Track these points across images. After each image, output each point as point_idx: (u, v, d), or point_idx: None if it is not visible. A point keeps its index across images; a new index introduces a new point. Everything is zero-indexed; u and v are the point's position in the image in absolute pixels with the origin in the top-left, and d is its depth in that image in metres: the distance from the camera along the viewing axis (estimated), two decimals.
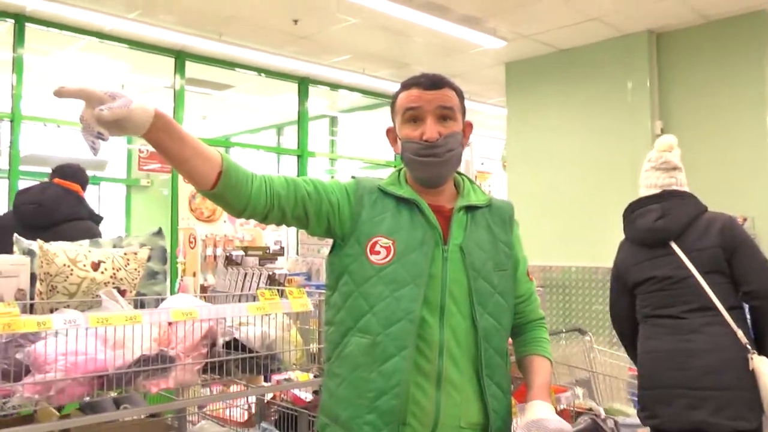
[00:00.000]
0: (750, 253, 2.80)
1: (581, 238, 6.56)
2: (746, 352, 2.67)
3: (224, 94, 9.15)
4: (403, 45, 6.89)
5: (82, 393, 2.09)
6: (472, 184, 1.93)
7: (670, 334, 2.82)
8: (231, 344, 2.41)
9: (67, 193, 3.85)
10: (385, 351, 1.69)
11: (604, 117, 6.51)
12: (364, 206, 1.79)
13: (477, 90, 8.95)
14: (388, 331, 1.69)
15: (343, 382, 1.75)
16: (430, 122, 1.77)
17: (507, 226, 1.92)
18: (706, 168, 5.95)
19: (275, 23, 6.24)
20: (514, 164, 7.36)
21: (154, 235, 2.92)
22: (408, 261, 1.73)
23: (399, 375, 1.67)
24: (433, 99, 1.78)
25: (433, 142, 1.75)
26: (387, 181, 1.87)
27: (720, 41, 5.98)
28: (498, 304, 1.80)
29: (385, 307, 1.70)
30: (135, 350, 2.17)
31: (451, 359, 1.72)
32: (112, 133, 1.46)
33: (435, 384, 1.71)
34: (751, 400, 2.64)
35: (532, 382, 1.84)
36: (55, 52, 7.20)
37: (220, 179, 1.60)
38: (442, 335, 1.72)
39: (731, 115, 5.86)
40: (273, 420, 3.18)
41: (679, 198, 2.97)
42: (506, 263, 1.86)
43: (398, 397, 1.67)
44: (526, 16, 5.93)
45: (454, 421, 1.72)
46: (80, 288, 2.53)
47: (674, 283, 2.85)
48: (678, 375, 2.75)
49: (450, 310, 1.73)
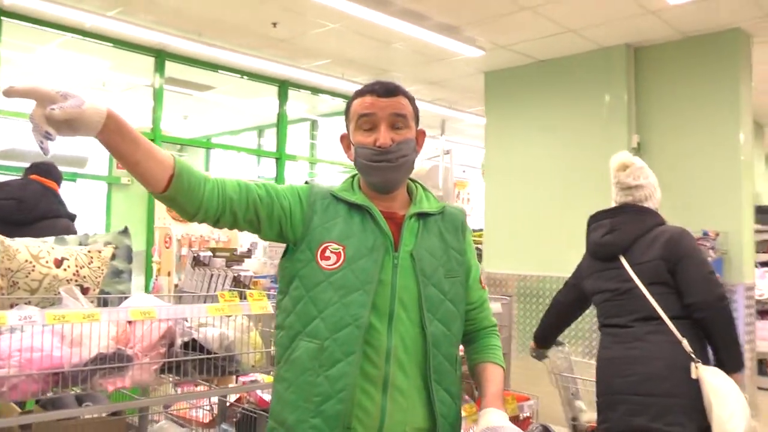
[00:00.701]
0: (693, 264, 2.85)
1: (557, 249, 6.60)
2: (689, 361, 2.73)
3: (205, 94, 9.14)
4: (383, 51, 6.92)
5: (37, 390, 2.09)
6: (425, 191, 1.96)
7: (617, 343, 2.93)
8: (189, 345, 2.42)
9: (45, 190, 3.86)
10: (332, 356, 1.71)
11: (581, 129, 6.57)
12: (316, 211, 1.82)
13: (457, 98, 9.00)
14: (336, 336, 1.71)
15: (291, 386, 1.76)
16: (383, 129, 1.80)
17: (459, 232, 1.95)
18: (681, 182, 6.02)
19: (254, 26, 6.25)
20: (492, 173, 7.41)
21: (120, 234, 2.93)
22: (357, 267, 1.75)
23: (345, 380, 1.70)
24: (387, 106, 1.80)
25: (387, 148, 1.78)
26: (340, 187, 1.90)
27: (697, 57, 6.05)
28: (448, 311, 1.83)
29: (333, 313, 1.73)
30: (92, 348, 2.18)
31: (398, 365, 1.75)
32: (64, 134, 1.45)
33: (381, 389, 1.73)
34: (688, 407, 2.70)
35: (486, 389, 1.86)
36: (36, 48, 7.17)
37: (172, 182, 1.61)
38: (390, 341, 1.74)
39: (706, 130, 5.94)
40: (234, 421, 3.19)
41: (633, 213, 3.05)
42: (458, 270, 1.89)
43: (343, 402, 1.69)
44: (504, 26, 5.98)
45: (399, 427, 1.74)
46: (42, 284, 2.54)
47: (620, 294, 2.96)
48: (622, 381, 2.84)
49: (399, 316, 1.76)
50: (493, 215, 7.32)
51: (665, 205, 6.08)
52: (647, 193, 3.11)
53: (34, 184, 3.86)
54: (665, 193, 5.78)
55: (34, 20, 6.24)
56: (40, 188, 3.85)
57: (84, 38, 6.63)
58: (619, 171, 3.14)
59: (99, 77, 8.40)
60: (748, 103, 5.95)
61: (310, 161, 9.64)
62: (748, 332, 5.69)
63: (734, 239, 5.69)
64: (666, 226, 3.02)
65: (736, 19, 5.66)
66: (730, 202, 5.77)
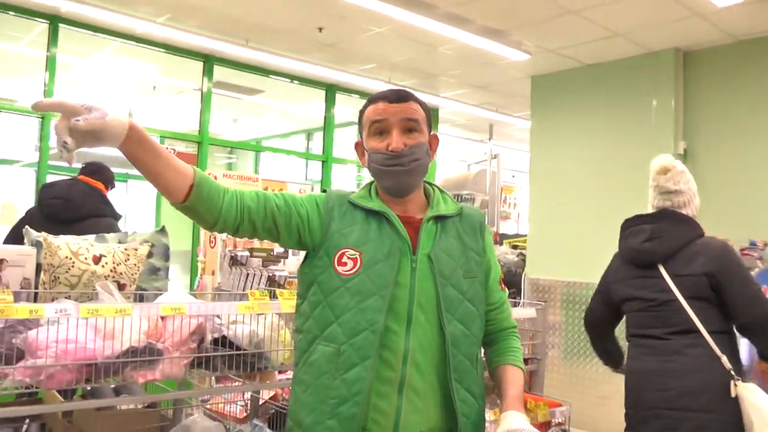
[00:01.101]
0: (739, 283, 2.76)
1: (602, 256, 6.48)
2: (729, 378, 2.66)
3: (255, 98, 9.30)
4: (429, 55, 6.95)
5: (71, 379, 2.18)
6: (443, 194, 1.98)
7: (652, 355, 2.83)
8: (219, 341, 2.48)
9: (91, 190, 4.00)
10: (348, 360, 1.74)
11: (627, 134, 6.47)
12: (333, 218, 1.86)
13: (504, 102, 8.97)
14: (352, 341, 1.75)
15: (308, 388, 1.80)
16: (395, 133, 1.83)
17: (477, 234, 1.96)
18: (728, 190, 5.89)
19: (300, 30, 6.34)
20: (537, 178, 7.35)
21: (157, 233, 3.02)
22: (374, 272, 1.78)
23: (360, 384, 1.73)
24: (398, 111, 1.84)
25: (399, 152, 1.81)
26: (358, 194, 1.93)
27: (747, 61, 5.91)
28: (468, 311, 1.84)
29: (350, 318, 1.76)
30: (124, 342, 2.26)
31: (415, 367, 1.77)
32: (89, 144, 1.52)
33: (397, 391, 1.76)
34: (726, 423, 2.62)
35: (506, 392, 1.87)
36: (90, 53, 7.42)
37: (192, 192, 1.67)
38: (408, 344, 1.76)
39: (755, 137, 5.79)
40: (267, 418, 3.25)
41: (673, 221, 2.95)
42: (476, 270, 1.91)
43: (359, 405, 1.72)
44: (549, 30, 5.94)
45: (415, 427, 1.76)
46: (81, 280, 2.64)
47: (657, 306, 2.85)
48: (657, 395, 2.74)
49: (417, 319, 1.78)
50: (538, 220, 7.27)
51: (712, 213, 5.97)
52: (686, 199, 3.01)
53: (80, 184, 4.00)
54: (712, 201, 5.67)
55: (88, 26, 6.46)
56: (87, 188, 3.98)
57: (135, 44, 6.83)
58: (659, 174, 3.05)
59: (149, 81, 8.62)
60: None
61: (357, 164, 9.71)
62: None
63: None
64: (707, 239, 2.91)
65: None
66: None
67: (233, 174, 7.79)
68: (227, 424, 3.16)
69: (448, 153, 12.59)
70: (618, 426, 6.22)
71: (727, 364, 2.68)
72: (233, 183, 7.48)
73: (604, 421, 6.38)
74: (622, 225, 3.16)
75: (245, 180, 7.75)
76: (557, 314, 6.85)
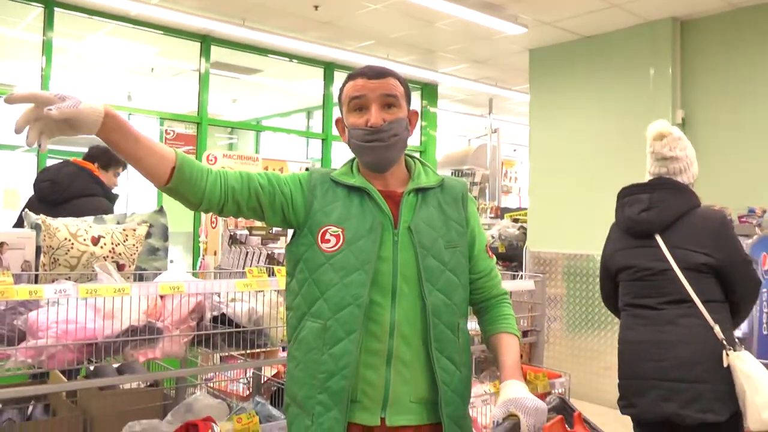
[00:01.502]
0: (736, 266, 2.78)
1: (603, 227, 6.50)
2: (721, 348, 2.67)
3: (253, 78, 9.28)
4: (426, 31, 6.92)
5: (72, 359, 2.21)
6: (424, 166, 2.00)
7: (646, 325, 2.83)
8: (219, 319, 2.51)
9: (80, 170, 4.06)
10: (334, 335, 1.78)
11: (626, 105, 6.46)
12: (316, 196, 1.88)
13: (503, 77, 8.94)
14: (338, 316, 1.78)
15: (300, 364, 1.84)
16: (374, 109, 1.84)
17: (459, 204, 1.98)
18: (727, 158, 5.89)
19: (296, 9, 6.32)
20: (537, 152, 7.35)
21: (155, 213, 3.03)
22: (356, 248, 1.81)
23: (347, 357, 1.76)
24: (377, 87, 1.85)
25: (378, 127, 1.83)
26: (339, 171, 1.95)
27: (747, 29, 5.87)
28: (449, 281, 1.87)
29: (335, 293, 1.79)
30: (124, 321, 2.29)
31: (402, 338, 1.80)
32: (65, 133, 1.54)
33: (385, 362, 1.79)
34: (720, 392, 2.63)
35: (504, 361, 1.89)
36: (85, 36, 7.40)
37: (174, 174, 1.70)
38: (393, 316, 1.80)
39: (754, 105, 5.78)
40: (269, 395, 3.29)
41: (670, 190, 2.91)
42: (458, 240, 1.92)
43: (347, 378, 1.76)
44: (546, 2, 5.91)
45: (404, 397, 1.80)
46: (80, 261, 2.66)
47: (653, 275, 2.84)
48: (652, 366, 2.75)
49: (402, 291, 1.81)
50: (538, 194, 7.28)
51: (711, 181, 5.98)
52: (682, 166, 2.97)
53: (69, 166, 4.10)
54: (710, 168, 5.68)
55: (82, 9, 6.45)
56: (75, 169, 4.08)
57: (131, 26, 6.81)
58: (655, 140, 3.01)
59: (147, 63, 8.61)
60: None
61: None
62: None
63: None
64: (705, 210, 2.89)
65: None
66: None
67: (233, 154, 7.79)
68: (230, 402, 3.20)
69: (449, 128, 12.57)
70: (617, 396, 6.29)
71: (720, 333, 2.69)
72: (233, 163, 7.49)
73: (605, 392, 6.42)
74: (619, 194, 3.15)
75: (245, 160, 7.75)
76: (560, 287, 6.88)
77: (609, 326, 6.50)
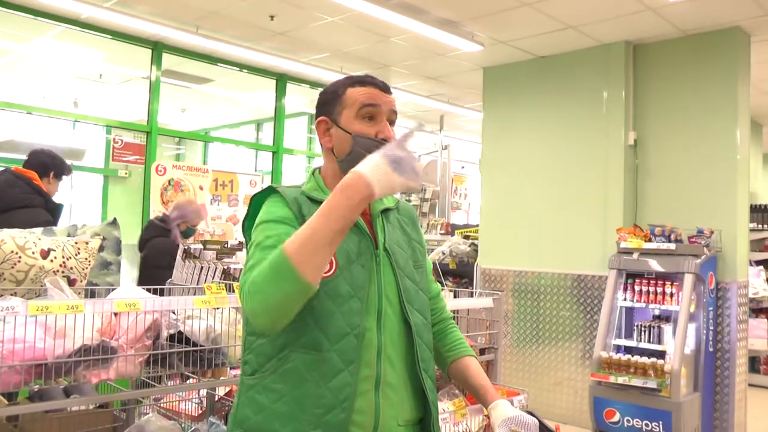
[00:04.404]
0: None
1: (552, 245, 6.61)
2: None
3: (203, 87, 9.13)
4: (382, 45, 6.90)
5: (20, 381, 2.09)
6: None
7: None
8: (176, 337, 2.41)
9: (17, 179, 3.85)
10: (333, 367, 1.66)
11: (578, 125, 6.56)
12: (304, 215, 1.74)
13: (456, 94, 8.99)
14: (337, 347, 1.67)
15: (283, 398, 1.69)
16: (385, 122, 1.79)
17: (416, 225, 1.98)
18: (677, 179, 6.03)
19: (252, 18, 6.23)
20: (489, 169, 7.39)
21: (108, 225, 2.92)
22: (349, 274, 1.71)
23: (348, 389, 1.66)
24: (388, 102, 1.81)
25: (390, 141, 1.75)
26: (308, 186, 1.84)
27: (696, 55, 6.03)
28: (422, 300, 1.85)
29: (333, 323, 1.68)
30: (77, 340, 2.17)
31: (389, 361, 1.74)
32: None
33: (374, 388, 1.72)
34: None
35: (481, 384, 1.89)
36: (31, 38, 7.16)
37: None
38: (380, 339, 1.73)
39: (703, 128, 5.92)
40: (223, 415, 3.18)
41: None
42: (421, 260, 1.92)
43: (346, 411, 1.66)
44: (503, 21, 5.96)
45: (392, 421, 1.74)
46: (28, 275, 2.53)
47: None
48: None
49: (386, 312, 1.75)
50: (489, 211, 7.31)
51: (661, 202, 6.11)
52: None
53: (6, 175, 3.88)
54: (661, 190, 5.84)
55: (29, 10, 6.22)
56: (12, 178, 3.85)
57: (80, 29, 6.61)
58: None
59: (95, 69, 8.38)
60: (746, 101, 5.93)
61: (308, 155, 9.63)
62: (741, 330, 5.69)
63: (729, 237, 5.67)
64: None
65: (735, 17, 5.63)
66: (725, 200, 5.76)
67: (183, 165, 7.63)
68: (182, 422, 3.08)
69: None
70: (571, 411, 6.35)
71: None
72: (183, 174, 7.33)
73: (557, 407, 6.48)
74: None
75: (195, 171, 7.61)
76: (508, 303, 6.92)
77: (557, 342, 6.56)
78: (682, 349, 5.06)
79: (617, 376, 5.14)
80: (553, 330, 6.61)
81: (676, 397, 4.94)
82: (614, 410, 5.21)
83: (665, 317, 5.54)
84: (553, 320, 6.62)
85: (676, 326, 5.21)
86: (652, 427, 5.02)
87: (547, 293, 6.66)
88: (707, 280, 5.41)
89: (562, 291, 6.54)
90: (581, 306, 6.39)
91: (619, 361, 5.22)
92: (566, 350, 6.52)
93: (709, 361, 5.53)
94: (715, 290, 5.63)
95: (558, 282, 6.56)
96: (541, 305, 6.71)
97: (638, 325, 5.47)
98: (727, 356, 5.64)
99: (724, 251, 5.66)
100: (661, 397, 4.97)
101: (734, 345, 5.63)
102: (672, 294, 5.36)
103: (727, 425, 5.62)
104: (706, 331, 5.43)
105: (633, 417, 5.11)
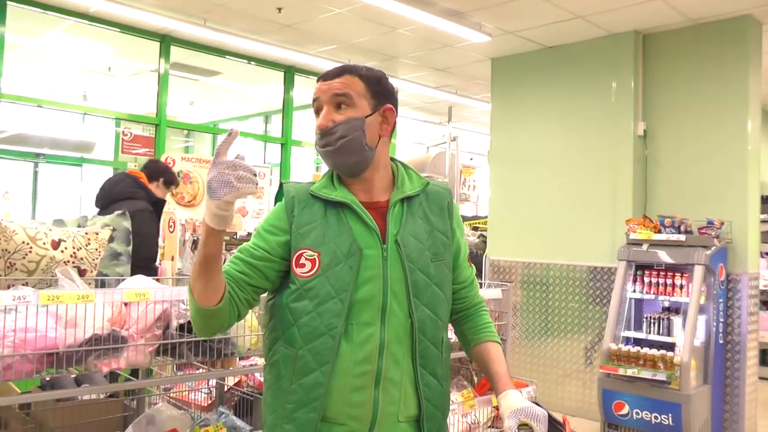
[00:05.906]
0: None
1: (561, 236, 6.59)
2: None
3: (212, 80, 9.14)
4: (389, 37, 6.88)
5: (32, 370, 2.10)
6: (407, 170, 1.91)
7: None
8: (185, 327, 2.42)
9: (125, 176, 4.47)
10: (306, 365, 1.70)
11: (587, 116, 6.52)
12: (295, 216, 1.77)
13: (464, 85, 8.96)
14: (310, 346, 1.70)
15: (270, 389, 1.79)
16: (325, 111, 1.76)
17: (445, 213, 1.90)
18: (687, 170, 5.99)
19: (259, 11, 6.22)
20: (497, 160, 7.37)
21: (118, 217, 2.93)
22: (332, 274, 1.71)
23: (319, 389, 1.68)
24: (329, 88, 1.77)
25: (324, 129, 1.75)
26: (319, 184, 1.83)
27: (706, 44, 5.98)
28: (434, 295, 1.80)
29: (308, 322, 1.70)
30: (87, 329, 2.19)
31: (392, 358, 1.73)
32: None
33: (374, 384, 1.72)
34: None
35: (496, 371, 1.85)
36: (41, 32, 7.18)
37: (223, 299, 1.68)
38: (383, 336, 1.72)
39: (714, 118, 5.88)
40: (233, 405, 3.20)
41: None
42: (443, 253, 1.85)
43: (316, 411, 1.69)
44: (511, 12, 5.93)
45: (392, 417, 1.74)
46: (39, 266, 2.55)
47: None
48: None
49: (392, 309, 1.74)
50: (498, 202, 7.30)
51: (670, 193, 6.08)
52: None
53: (117, 174, 4.62)
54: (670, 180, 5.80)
55: (38, 4, 6.24)
56: (120, 176, 4.54)
57: (89, 23, 6.63)
58: None
59: (104, 62, 8.40)
60: (758, 91, 5.88)
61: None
62: (752, 322, 5.66)
63: (739, 228, 5.64)
64: None
65: (746, 5, 5.57)
66: (736, 190, 5.72)
67: (192, 157, 7.65)
68: (192, 412, 3.10)
69: (407, 136, 12.56)
70: (580, 404, 6.34)
71: None
72: (192, 166, 7.35)
73: (565, 399, 6.48)
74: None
75: (203, 163, 7.62)
76: (517, 295, 6.90)
77: (566, 334, 6.55)
78: (691, 342, 5.03)
79: (626, 368, 5.12)
80: (562, 322, 6.60)
81: (686, 390, 4.91)
82: (623, 402, 5.20)
83: (675, 309, 5.51)
84: (561, 312, 6.61)
85: (685, 318, 5.19)
86: (662, 420, 5.00)
87: (556, 285, 6.64)
88: (717, 271, 5.38)
89: (571, 282, 6.52)
90: (590, 298, 6.37)
91: (629, 353, 5.20)
92: (575, 342, 6.51)
93: (719, 354, 5.50)
94: (726, 282, 5.60)
95: (567, 273, 6.55)
96: (549, 297, 6.70)
97: (648, 317, 5.45)
98: (737, 348, 5.61)
99: (734, 242, 5.62)
100: (670, 389, 4.95)
101: (745, 337, 5.59)
102: (682, 286, 5.33)
103: (738, 418, 5.60)
104: (716, 323, 5.40)
105: (642, 409, 5.09)
